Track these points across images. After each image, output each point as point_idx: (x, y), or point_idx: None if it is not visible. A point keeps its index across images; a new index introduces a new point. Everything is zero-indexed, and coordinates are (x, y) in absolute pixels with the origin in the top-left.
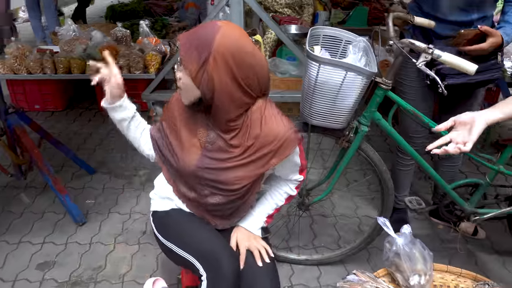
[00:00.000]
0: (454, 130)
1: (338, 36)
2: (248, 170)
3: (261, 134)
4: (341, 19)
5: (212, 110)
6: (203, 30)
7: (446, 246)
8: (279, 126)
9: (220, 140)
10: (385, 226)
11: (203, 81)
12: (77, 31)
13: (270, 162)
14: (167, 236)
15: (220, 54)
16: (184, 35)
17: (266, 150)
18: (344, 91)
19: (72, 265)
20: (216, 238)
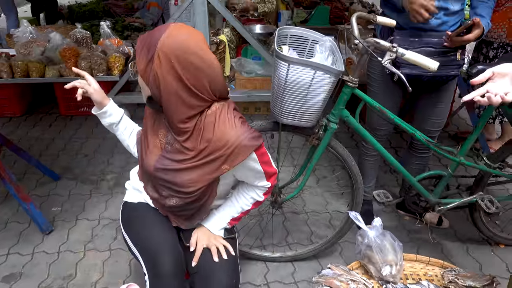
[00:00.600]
0: (491, 81)
1: (305, 36)
2: (201, 173)
3: (213, 138)
4: (303, 18)
5: (164, 110)
6: (157, 30)
7: (413, 237)
8: (232, 131)
9: (176, 142)
10: (357, 219)
11: (151, 79)
12: (34, 33)
13: (222, 168)
14: (127, 229)
15: (163, 53)
16: (141, 36)
17: (217, 154)
18: (313, 90)
19: (40, 275)
20: (163, 234)
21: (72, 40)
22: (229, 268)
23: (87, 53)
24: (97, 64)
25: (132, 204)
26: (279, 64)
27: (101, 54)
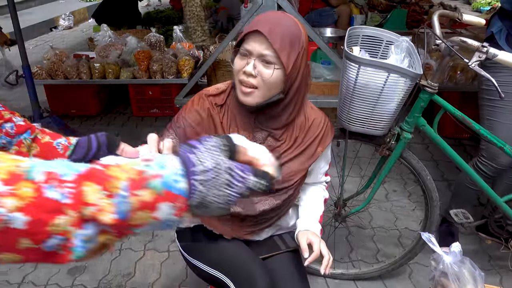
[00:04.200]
0: None
1: (379, 36)
2: (299, 162)
3: (306, 122)
4: (378, 22)
5: (281, 106)
6: (285, 21)
7: (496, 264)
8: (318, 112)
9: (269, 139)
10: (430, 242)
11: (293, 75)
12: (113, 37)
13: (317, 151)
14: (193, 254)
15: (306, 47)
16: (267, 30)
17: (313, 137)
18: (386, 95)
19: (102, 271)
20: (248, 254)
21: (146, 43)
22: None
23: (159, 56)
24: (168, 67)
25: (187, 229)
26: (348, 65)
27: (172, 57)
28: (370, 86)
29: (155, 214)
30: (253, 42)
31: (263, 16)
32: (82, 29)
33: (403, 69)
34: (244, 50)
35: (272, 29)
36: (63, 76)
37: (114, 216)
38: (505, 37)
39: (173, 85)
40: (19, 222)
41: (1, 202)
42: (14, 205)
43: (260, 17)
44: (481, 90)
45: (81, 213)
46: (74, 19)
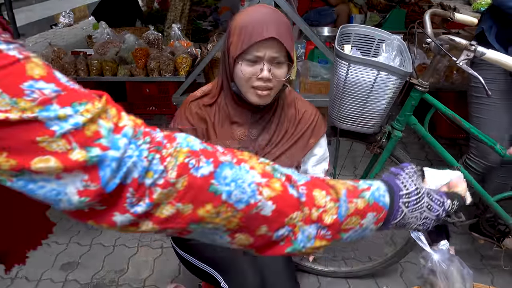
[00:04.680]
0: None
1: (371, 35)
2: (291, 154)
3: (297, 115)
4: (377, 22)
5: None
6: (278, 16)
7: (488, 263)
8: (310, 105)
9: (263, 134)
10: (419, 240)
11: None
12: (111, 34)
13: (310, 142)
14: (185, 249)
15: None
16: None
17: (304, 129)
18: (376, 93)
19: (95, 267)
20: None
21: (144, 41)
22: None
23: (156, 53)
24: (165, 64)
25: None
26: (339, 63)
27: (169, 54)
28: (360, 84)
29: (362, 221)
30: (262, 48)
31: (254, 16)
32: (82, 26)
33: (392, 67)
34: (254, 57)
35: (279, 31)
36: None
37: (334, 217)
38: (494, 34)
39: (171, 83)
40: (268, 209)
41: (260, 191)
42: (268, 195)
43: (253, 18)
44: (469, 87)
45: (311, 213)
46: (74, 16)
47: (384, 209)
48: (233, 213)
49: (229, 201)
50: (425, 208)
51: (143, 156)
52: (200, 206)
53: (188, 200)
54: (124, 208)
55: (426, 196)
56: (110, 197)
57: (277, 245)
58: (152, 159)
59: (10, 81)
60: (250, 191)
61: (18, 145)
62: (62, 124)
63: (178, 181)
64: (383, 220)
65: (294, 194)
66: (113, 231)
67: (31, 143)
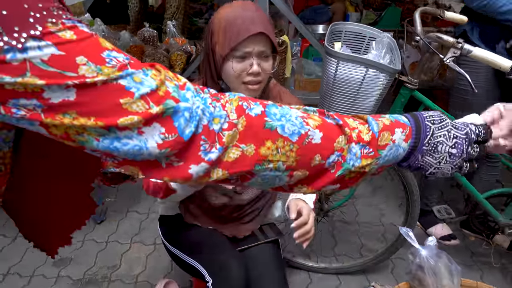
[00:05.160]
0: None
1: (362, 33)
2: None
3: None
4: (372, 20)
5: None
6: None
7: (478, 260)
8: (294, 99)
9: None
10: (408, 236)
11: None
12: (106, 31)
13: None
14: (173, 242)
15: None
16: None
17: None
18: (365, 90)
19: (87, 263)
20: (225, 245)
21: (140, 38)
22: (281, 282)
23: (151, 50)
24: (160, 61)
25: (170, 217)
26: (328, 60)
27: (164, 52)
28: (349, 81)
29: (393, 136)
30: (251, 43)
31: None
32: None
33: (381, 65)
34: (243, 53)
35: (264, 25)
36: None
37: (370, 133)
38: (478, 33)
39: None
40: (318, 137)
41: (306, 122)
42: (314, 124)
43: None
44: (453, 88)
45: (352, 133)
46: None
47: (407, 125)
48: (290, 146)
49: (284, 135)
50: (451, 126)
51: (208, 103)
52: (261, 145)
53: (250, 139)
54: (199, 157)
55: (448, 119)
56: (186, 149)
57: (328, 172)
58: (215, 106)
59: (92, 51)
60: (299, 123)
61: (106, 107)
62: (139, 86)
63: (239, 121)
64: (412, 137)
65: (332, 122)
66: (105, 227)
67: (115, 105)
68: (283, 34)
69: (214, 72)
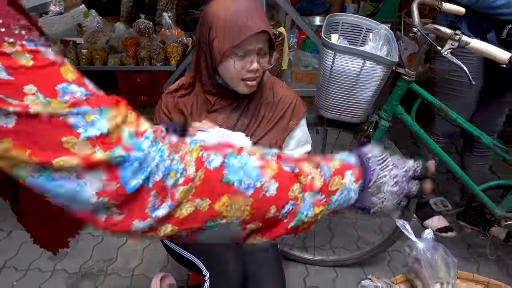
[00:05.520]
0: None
1: (359, 24)
2: (272, 136)
3: (274, 98)
4: (370, 12)
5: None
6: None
7: (474, 251)
8: (290, 91)
9: (244, 117)
10: (405, 229)
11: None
12: (101, 23)
13: (290, 125)
14: None
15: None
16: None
17: (282, 113)
18: (362, 82)
19: (83, 256)
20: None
21: (135, 30)
22: (278, 273)
23: (147, 42)
24: (155, 53)
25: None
26: (325, 52)
27: (160, 43)
28: (346, 73)
29: (343, 180)
30: (253, 41)
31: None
32: (73, 15)
33: (378, 57)
34: (244, 51)
35: (265, 22)
36: None
37: (322, 180)
38: (466, 24)
39: (161, 72)
40: (273, 188)
41: (263, 172)
42: (270, 174)
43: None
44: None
45: (306, 181)
46: (64, 4)
47: (356, 165)
48: (245, 201)
49: (240, 190)
50: (391, 166)
51: (165, 155)
52: (216, 200)
53: (206, 194)
54: (145, 214)
55: (389, 156)
56: (129, 202)
57: (281, 222)
58: (173, 158)
59: (46, 81)
60: (255, 175)
61: (44, 142)
62: (89, 127)
63: (197, 175)
64: (361, 178)
65: (288, 169)
66: None
67: (56, 143)
68: (280, 25)
69: (210, 66)
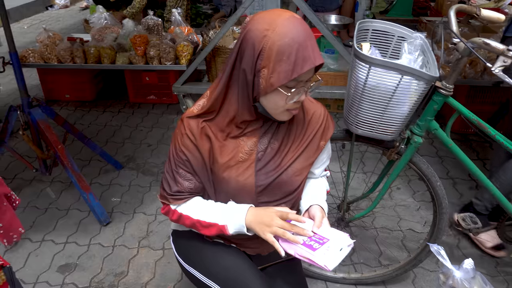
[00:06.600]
0: None
1: (390, 31)
2: (303, 159)
3: (305, 117)
4: (383, 9)
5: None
6: (302, 26)
7: (503, 270)
8: (317, 105)
9: (272, 141)
10: (440, 255)
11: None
12: (109, 19)
13: (320, 145)
14: (188, 260)
15: None
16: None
17: (314, 132)
18: (398, 98)
19: (93, 269)
20: (244, 264)
21: (144, 27)
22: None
23: (156, 40)
24: (165, 52)
25: (184, 232)
26: (357, 65)
27: (170, 42)
28: (380, 88)
29: None
30: (307, 73)
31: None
32: (79, 8)
33: (419, 72)
34: (296, 83)
35: (319, 52)
36: (56, 60)
37: None
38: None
39: (171, 71)
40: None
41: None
42: None
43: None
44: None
45: None
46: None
47: None
48: None
49: None
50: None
51: None
52: None
53: None
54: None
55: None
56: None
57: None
58: None
59: None
60: None
61: None
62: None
63: None
64: None
65: None
66: (111, 230)
67: None
68: None
69: (251, 95)
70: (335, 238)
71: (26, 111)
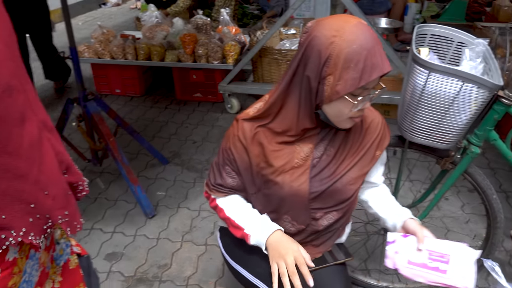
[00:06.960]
0: None
1: (449, 37)
2: (358, 169)
3: (363, 125)
4: (435, 13)
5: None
6: (369, 32)
7: None
8: (375, 113)
9: (328, 148)
10: (494, 271)
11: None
12: (159, 17)
13: (376, 154)
14: (235, 258)
15: None
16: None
17: (371, 141)
18: (457, 106)
19: (138, 259)
20: None
21: (193, 26)
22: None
23: (205, 39)
24: (213, 51)
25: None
26: (416, 70)
27: (218, 41)
28: (439, 95)
29: None
30: (375, 80)
31: (362, 45)
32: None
33: (482, 79)
34: (362, 91)
35: (386, 57)
36: (109, 56)
37: None
38: None
39: (218, 70)
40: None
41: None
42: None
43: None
44: None
45: None
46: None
47: None
48: None
49: None
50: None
51: None
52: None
53: None
54: None
55: None
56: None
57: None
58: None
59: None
60: None
61: None
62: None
63: None
64: None
65: None
66: (156, 223)
67: None
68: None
69: (314, 102)
70: (455, 251)
71: (82, 104)
